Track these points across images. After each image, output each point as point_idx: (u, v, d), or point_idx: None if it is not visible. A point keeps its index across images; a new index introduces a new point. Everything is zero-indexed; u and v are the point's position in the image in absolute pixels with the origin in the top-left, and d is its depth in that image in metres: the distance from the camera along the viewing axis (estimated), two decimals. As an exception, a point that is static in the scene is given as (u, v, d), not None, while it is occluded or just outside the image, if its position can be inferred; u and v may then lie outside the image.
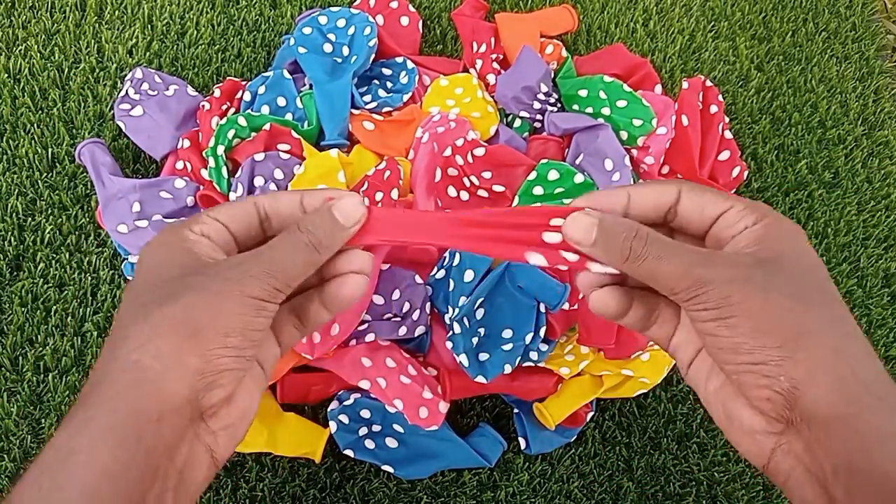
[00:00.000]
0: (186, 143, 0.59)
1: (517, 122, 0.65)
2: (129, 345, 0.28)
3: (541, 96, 0.64)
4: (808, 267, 0.30)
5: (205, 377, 0.28)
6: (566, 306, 0.56)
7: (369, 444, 0.55)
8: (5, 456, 0.54)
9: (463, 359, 0.52)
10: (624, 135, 0.62)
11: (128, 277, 0.58)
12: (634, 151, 0.63)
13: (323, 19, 0.65)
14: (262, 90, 0.61)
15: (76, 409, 0.27)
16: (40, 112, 0.64)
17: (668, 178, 0.38)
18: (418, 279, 0.55)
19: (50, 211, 0.61)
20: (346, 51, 0.64)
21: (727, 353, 0.29)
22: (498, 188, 0.59)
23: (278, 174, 0.56)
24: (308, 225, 0.32)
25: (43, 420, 0.55)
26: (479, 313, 0.55)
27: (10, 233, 0.60)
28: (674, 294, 0.30)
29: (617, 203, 0.32)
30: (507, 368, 0.53)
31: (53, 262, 0.59)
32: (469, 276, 0.53)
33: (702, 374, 0.32)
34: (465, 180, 0.58)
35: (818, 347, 0.28)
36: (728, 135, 0.66)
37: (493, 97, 0.65)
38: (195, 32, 0.68)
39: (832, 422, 0.27)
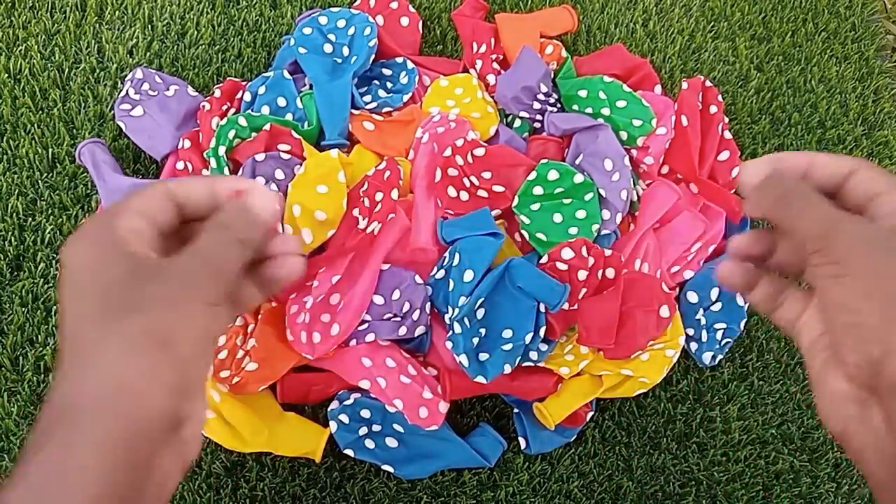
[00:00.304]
0: (187, 144, 0.59)
1: (517, 123, 0.65)
2: (101, 362, 0.27)
3: (541, 96, 0.64)
4: None
5: (181, 389, 0.28)
6: (566, 306, 0.56)
7: (369, 443, 0.55)
8: (6, 456, 0.54)
9: (463, 359, 0.52)
10: (624, 135, 0.62)
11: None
12: (634, 151, 0.63)
13: (323, 20, 0.65)
14: (262, 90, 0.61)
15: (55, 426, 0.26)
16: (41, 112, 0.64)
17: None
18: (418, 279, 0.55)
19: (50, 211, 0.61)
20: (346, 51, 0.64)
21: (833, 310, 0.30)
22: (498, 188, 0.59)
23: (279, 174, 0.56)
24: (230, 221, 0.32)
25: (43, 420, 0.55)
26: (480, 313, 0.55)
27: (10, 233, 0.60)
28: (809, 240, 0.30)
29: (799, 162, 0.34)
30: (507, 368, 0.53)
31: (53, 262, 0.59)
32: (469, 276, 0.53)
33: (816, 350, 0.33)
34: (465, 180, 0.58)
35: None
36: (728, 135, 0.66)
37: (492, 97, 0.65)
38: (195, 33, 0.68)
39: None
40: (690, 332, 0.61)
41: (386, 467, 0.55)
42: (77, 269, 0.30)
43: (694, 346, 0.62)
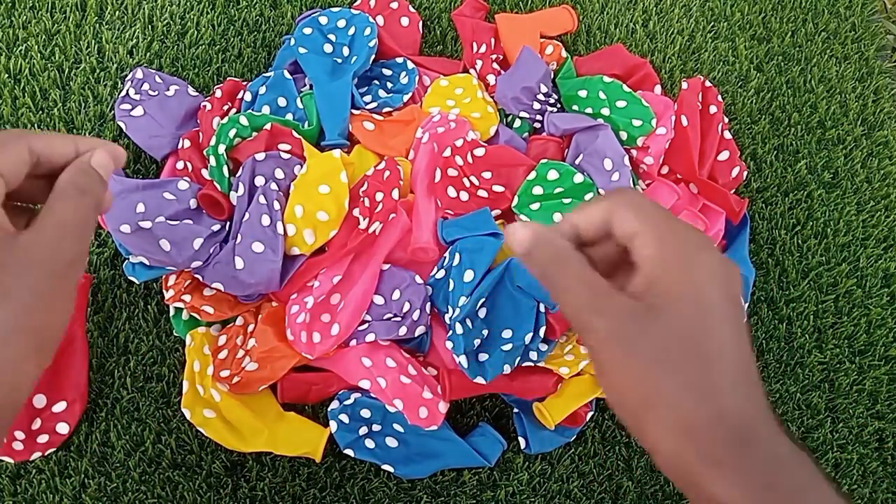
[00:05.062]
0: (187, 144, 0.59)
1: (517, 123, 0.65)
2: None
3: (540, 97, 0.64)
4: (693, 311, 0.29)
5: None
6: (566, 306, 0.56)
7: (369, 443, 0.55)
8: (6, 455, 0.54)
9: (462, 360, 0.52)
10: (624, 135, 0.62)
11: (129, 277, 0.58)
12: (634, 152, 0.63)
13: (323, 20, 0.65)
14: (262, 90, 0.61)
15: None
16: (41, 112, 0.64)
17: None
18: (418, 279, 0.55)
19: (50, 211, 0.61)
20: (346, 51, 0.64)
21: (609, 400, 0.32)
22: (498, 188, 0.59)
23: (279, 174, 0.56)
24: (87, 186, 0.32)
25: (44, 420, 0.55)
26: (482, 313, 0.55)
27: (10, 233, 0.60)
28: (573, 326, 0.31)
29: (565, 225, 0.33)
30: (507, 369, 0.53)
31: (54, 262, 0.59)
32: (469, 276, 0.53)
33: None
34: (465, 181, 0.58)
35: (663, 419, 0.28)
36: (727, 135, 0.66)
37: (492, 97, 0.66)
38: (196, 33, 0.68)
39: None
40: (690, 332, 0.61)
41: (386, 467, 0.55)
42: None
43: (694, 346, 0.62)
